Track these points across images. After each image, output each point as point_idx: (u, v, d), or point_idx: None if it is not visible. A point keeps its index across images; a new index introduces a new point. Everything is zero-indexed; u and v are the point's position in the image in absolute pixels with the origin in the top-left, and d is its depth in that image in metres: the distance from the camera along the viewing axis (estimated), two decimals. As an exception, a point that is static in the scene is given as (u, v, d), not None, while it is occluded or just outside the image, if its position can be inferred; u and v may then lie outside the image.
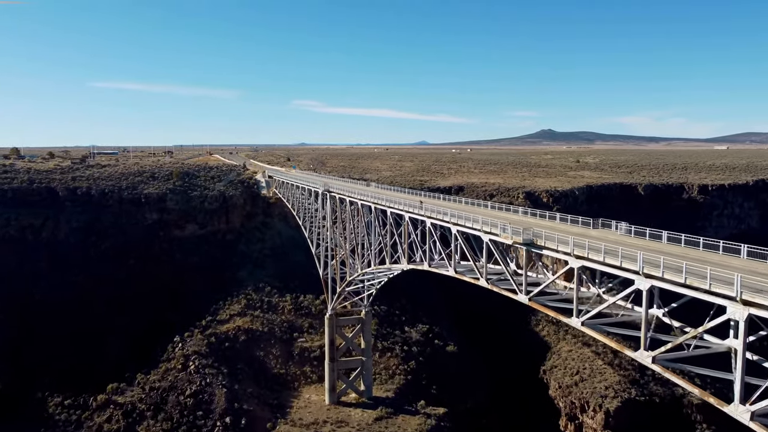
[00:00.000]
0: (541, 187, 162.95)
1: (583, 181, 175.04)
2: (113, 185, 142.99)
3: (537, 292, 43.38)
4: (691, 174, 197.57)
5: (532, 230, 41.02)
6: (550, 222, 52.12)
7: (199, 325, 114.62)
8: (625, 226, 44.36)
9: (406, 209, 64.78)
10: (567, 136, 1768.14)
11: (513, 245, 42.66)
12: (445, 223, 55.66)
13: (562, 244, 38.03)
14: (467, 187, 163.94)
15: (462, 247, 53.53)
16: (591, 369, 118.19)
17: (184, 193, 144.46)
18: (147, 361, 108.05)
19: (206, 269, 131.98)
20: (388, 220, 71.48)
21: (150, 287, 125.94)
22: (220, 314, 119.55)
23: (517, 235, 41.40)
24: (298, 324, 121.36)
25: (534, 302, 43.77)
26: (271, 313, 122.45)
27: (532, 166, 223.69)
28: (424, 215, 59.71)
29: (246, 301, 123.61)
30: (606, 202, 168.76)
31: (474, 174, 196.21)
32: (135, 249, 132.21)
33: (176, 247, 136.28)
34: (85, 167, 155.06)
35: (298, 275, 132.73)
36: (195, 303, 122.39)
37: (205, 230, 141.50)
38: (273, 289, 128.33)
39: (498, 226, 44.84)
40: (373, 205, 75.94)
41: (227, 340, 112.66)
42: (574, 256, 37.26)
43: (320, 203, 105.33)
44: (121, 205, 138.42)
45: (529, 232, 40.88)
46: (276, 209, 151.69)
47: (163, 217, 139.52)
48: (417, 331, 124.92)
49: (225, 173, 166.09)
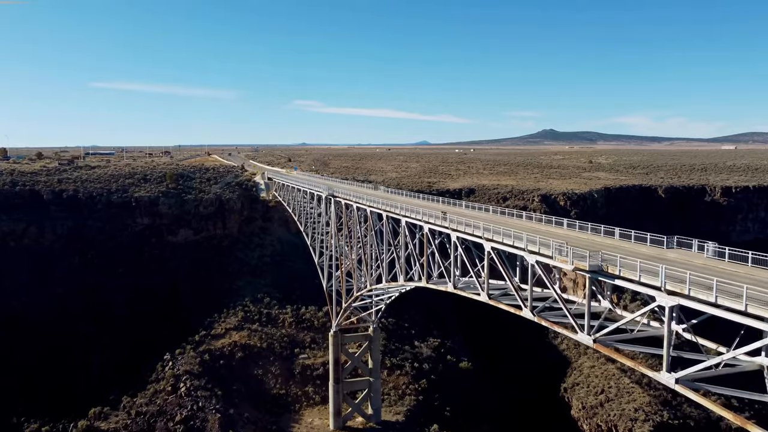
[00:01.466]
0: (556, 189, 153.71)
1: (599, 183, 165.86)
2: (102, 188, 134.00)
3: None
4: (711, 175, 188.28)
5: (600, 253, 31.90)
6: (607, 238, 42.96)
7: (192, 341, 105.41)
8: (714, 247, 35.18)
9: (426, 219, 55.68)
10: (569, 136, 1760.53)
11: (574, 271, 33.54)
12: (477, 238, 46.52)
13: (648, 274, 28.94)
14: (478, 190, 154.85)
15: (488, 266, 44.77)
16: (617, 388, 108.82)
17: (178, 197, 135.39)
18: (134, 381, 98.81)
19: (201, 278, 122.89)
20: (402, 231, 62.39)
21: (139, 299, 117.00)
22: (214, 328, 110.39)
23: (581, 260, 32.33)
24: (300, 338, 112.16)
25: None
26: (271, 326, 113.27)
27: (543, 167, 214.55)
28: (449, 227, 50.58)
29: (243, 314, 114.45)
30: (625, 205, 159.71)
31: (484, 175, 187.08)
32: (124, 257, 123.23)
33: (169, 254, 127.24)
34: (73, 169, 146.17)
35: (299, 285, 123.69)
36: (188, 316, 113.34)
37: (199, 236, 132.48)
38: (272, 300, 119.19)
39: (551, 246, 35.71)
40: (385, 213, 66.82)
41: (222, 357, 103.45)
42: (665, 291, 28.21)
43: (323, 208, 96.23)
44: (109, 210, 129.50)
45: (597, 256, 31.78)
46: (276, 213, 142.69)
47: (155, 222, 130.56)
48: (428, 345, 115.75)
49: (222, 175, 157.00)
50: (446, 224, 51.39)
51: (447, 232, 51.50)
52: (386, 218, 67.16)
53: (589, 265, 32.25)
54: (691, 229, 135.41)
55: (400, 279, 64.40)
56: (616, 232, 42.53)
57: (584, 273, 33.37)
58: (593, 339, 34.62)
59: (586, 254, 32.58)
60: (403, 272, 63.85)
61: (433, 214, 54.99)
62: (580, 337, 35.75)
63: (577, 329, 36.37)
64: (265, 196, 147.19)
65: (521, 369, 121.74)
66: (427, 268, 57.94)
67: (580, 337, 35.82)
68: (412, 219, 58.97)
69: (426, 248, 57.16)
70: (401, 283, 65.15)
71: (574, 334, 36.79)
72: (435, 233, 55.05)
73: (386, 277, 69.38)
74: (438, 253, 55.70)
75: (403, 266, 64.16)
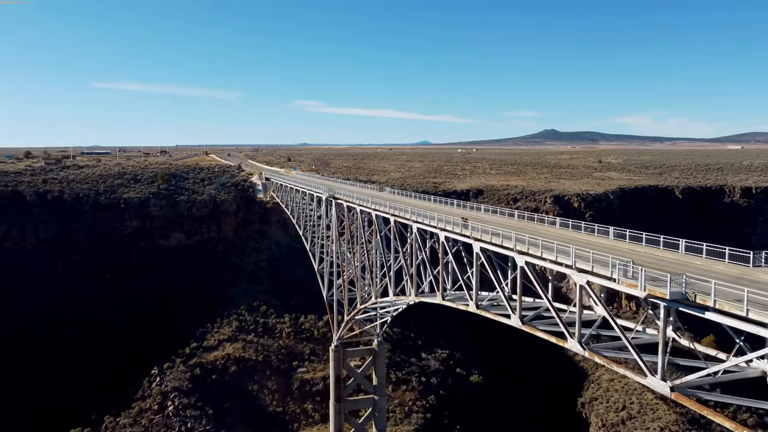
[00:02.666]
0: (569, 190, 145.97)
1: (613, 184, 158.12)
2: (89, 189, 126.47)
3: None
4: (728, 175, 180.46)
5: (684, 277, 24.28)
6: (669, 252, 35.27)
7: (182, 354, 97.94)
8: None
9: (442, 226, 48.05)
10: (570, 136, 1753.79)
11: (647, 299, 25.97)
12: (505, 250, 38.92)
13: (759, 307, 21.36)
14: (487, 190, 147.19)
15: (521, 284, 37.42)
16: (640, 404, 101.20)
17: (170, 198, 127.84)
18: (118, 398, 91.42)
19: (193, 285, 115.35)
20: (413, 238, 54.81)
21: (127, 307, 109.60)
22: (207, 339, 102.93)
23: (659, 286, 24.71)
24: (298, 350, 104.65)
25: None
26: (267, 337, 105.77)
27: (552, 167, 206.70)
28: (472, 236, 42.93)
29: (238, 323, 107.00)
30: (641, 207, 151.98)
31: (491, 175, 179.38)
32: (111, 262, 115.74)
33: (159, 259, 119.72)
34: (60, 168, 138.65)
35: (298, 292, 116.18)
36: (179, 326, 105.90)
37: (192, 240, 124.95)
38: (269, 308, 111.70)
39: (613, 266, 27.99)
40: (393, 218, 59.20)
41: (214, 372, 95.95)
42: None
43: (324, 211, 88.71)
44: (97, 212, 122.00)
45: (679, 280, 24.21)
46: (274, 215, 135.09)
47: (145, 225, 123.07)
48: (436, 357, 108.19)
49: (217, 175, 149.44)
50: (468, 233, 43.71)
51: (468, 242, 43.83)
52: (394, 223, 59.57)
53: (670, 292, 24.62)
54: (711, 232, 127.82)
55: (410, 294, 56.74)
56: (681, 244, 34.72)
57: (661, 302, 25.70)
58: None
59: (660, 276, 24.98)
60: (413, 285, 56.22)
61: (451, 220, 47.33)
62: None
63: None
64: (263, 197, 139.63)
65: (535, 382, 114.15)
66: (442, 282, 50.30)
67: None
68: (425, 225, 51.34)
69: (441, 259, 49.50)
70: (411, 298, 57.49)
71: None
72: (451, 242, 47.49)
73: (393, 289, 61.75)
74: (455, 264, 48.12)
75: (413, 278, 56.57)
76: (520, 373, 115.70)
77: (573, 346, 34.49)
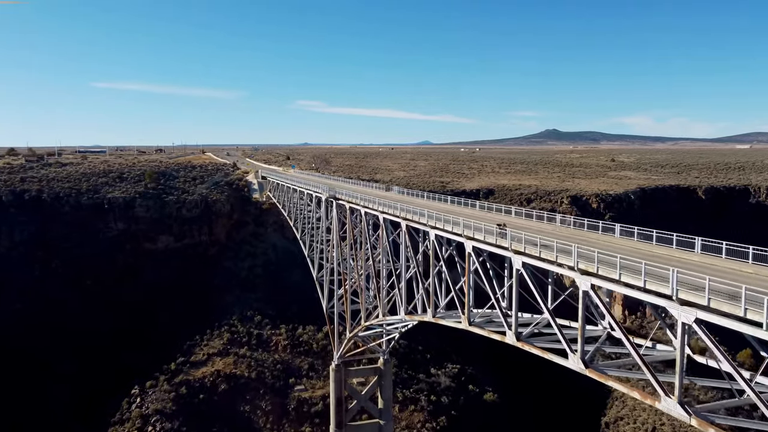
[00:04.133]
0: (587, 189, 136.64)
1: (631, 183, 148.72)
2: (70, 188, 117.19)
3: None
4: (752, 175, 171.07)
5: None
6: (750, 265, 26.23)
7: (167, 370, 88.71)
8: None
9: (469, 234, 38.79)
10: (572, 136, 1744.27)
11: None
12: (566, 270, 29.63)
13: None
14: (498, 190, 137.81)
15: (583, 314, 28.66)
16: (672, 426, 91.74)
17: (158, 198, 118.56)
18: (95, 420, 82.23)
19: (182, 293, 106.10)
20: (431, 245, 45.61)
21: (109, 317, 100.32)
22: (195, 353, 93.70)
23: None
24: (296, 365, 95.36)
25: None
26: (261, 350, 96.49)
27: (564, 166, 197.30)
28: (512, 250, 33.61)
29: (229, 335, 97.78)
30: (662, 207, 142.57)
31: (500, 174, 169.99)
32: (93, 267, 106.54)
33: (145, 264, 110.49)
34: (41, 166, 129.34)
35: (295, 300, 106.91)
36: (165, 338, 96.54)
37: (182, 243, 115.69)
38: (264, 318, 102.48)
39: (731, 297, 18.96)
40: (405, 222, 49.93)
41: (202, 391, 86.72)
42: None
43: (324, 212, 79.48)
44: (78, 212, 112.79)
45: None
46: (270, 216, 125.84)
47: (131, 227, 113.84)
48: (446, 373, 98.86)
49: (210, 173, 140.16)
50: (506, 243, 34.39)
51: (507, 255, 34.56)
52: (406, 229, 50.30)
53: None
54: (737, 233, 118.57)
55: (427, 313, 47.50)
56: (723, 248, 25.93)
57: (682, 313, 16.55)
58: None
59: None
60: (430, 302, 47.01)
61: (481, 227, 38.04)
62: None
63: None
64: (258, 197, 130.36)
65: (554, 398, 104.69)
66: (468, 302, 41.04)
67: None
68: (447, 233, 42.08)
69: (468, 272, 40.26)
70: (427, 317, 48.27)
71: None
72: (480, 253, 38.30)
73: (405, 305, 52.54)
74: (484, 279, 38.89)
75: (429, 293, 47.37)
76: (538, 390, 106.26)
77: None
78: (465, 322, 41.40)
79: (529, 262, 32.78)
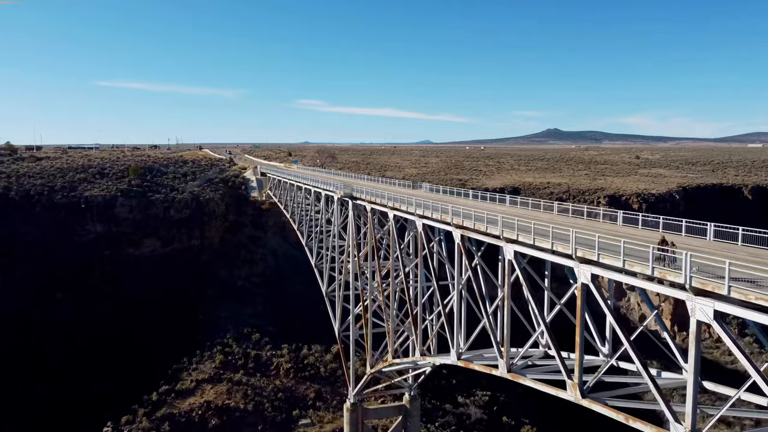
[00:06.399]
0: (624, 188, 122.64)
1: (670, 182, 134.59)
2: (43, 185, 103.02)
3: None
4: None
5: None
6: None
7: (147, 401, 74.65)
8: None
9: (591, 257, 24.72)
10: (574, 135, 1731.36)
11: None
12: None
13: None
14: (524, 189, 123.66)
15: None
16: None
17: (143, 197, 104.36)
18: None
19: (168, 307, 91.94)
20: (505, 266, 31.68)
21: (82, 336, 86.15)
22: (182, 380, 79.59)
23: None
24: (300, 393, 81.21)
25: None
26: (260, 375, 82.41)
27: (588, 163, 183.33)
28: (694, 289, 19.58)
29: (222, 357, 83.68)
30: (704, 207, 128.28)
31: (522, 172, 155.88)
32: (66, 276, 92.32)
33: (127, 272, 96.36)
34: (12, 161, 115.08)
35: (299, 315, 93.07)
36: (146, 360, 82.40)
37: (170, 248, 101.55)
38: (263, 336, 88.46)
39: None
40: (459, 232, 35.85)
41: (189, 427, 72.63)
42: None
43: (336, 215, 65.50)
44: (51, 213, 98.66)
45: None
46: (271, 218, 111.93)
47: (111, 230, 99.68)
48: (475, 402, 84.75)
49: (203, 169, 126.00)
50: (682, 279, 20.15)
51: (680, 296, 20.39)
52: (461, 241, 36.19)
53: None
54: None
55: (501, 361, 33.42)
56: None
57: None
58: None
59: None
60: (505, 350, 32.92)
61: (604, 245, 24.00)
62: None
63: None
64: (257, 196, 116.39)
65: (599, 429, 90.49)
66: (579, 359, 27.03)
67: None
68: (549, 254, 27.98)
69: (579, 312, 26.22)
70: (501, 368, 34.17)
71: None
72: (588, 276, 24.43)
73: (462, 341, 38.45)
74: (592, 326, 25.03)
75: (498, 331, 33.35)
76: (580, 417, 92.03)
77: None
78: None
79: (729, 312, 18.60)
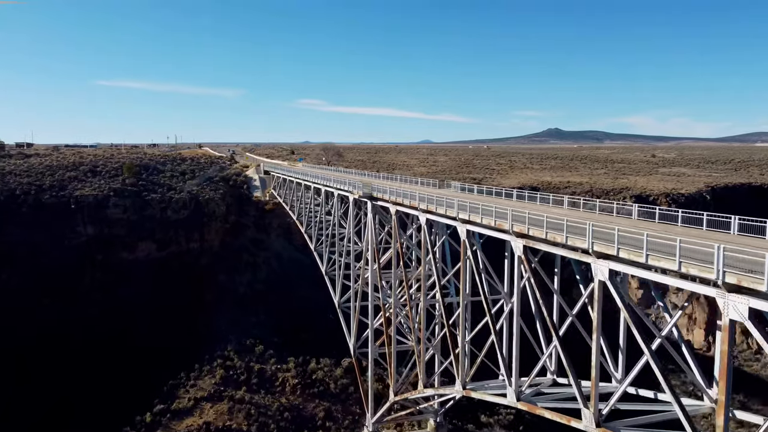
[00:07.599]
0: (650, 188, 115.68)
1: (696, 181, 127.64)
2: (30, 184, 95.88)
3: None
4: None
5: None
6: None
7: (141, 423, 67.66)
8: None
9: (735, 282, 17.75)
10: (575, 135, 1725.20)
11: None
12: None
13: None
14: (543, 188, 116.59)
15: None
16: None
17: (138, 196, 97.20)
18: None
19: (164, 315, 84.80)
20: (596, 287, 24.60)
21: (70, 347, 78.97)
22: (179, 398, 72.53)
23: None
24: (308, 412, 74.08)
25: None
26: (264, 392, 75.28)
27: (602, 161, 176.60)
28: None
29: (223, 372, 76.62)
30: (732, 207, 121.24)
31: (536, 171, 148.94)
32: (54, 282, 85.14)
33: (120, 278, 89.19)
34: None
35: (306, 324, 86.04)
36: (140, 376, 75.24)
37: (166, 251, 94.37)
38: (267, 348, 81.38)
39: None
40: (522, 241, 28.79)
41: (187, 452, 65.48)
42: None
43: (351, 217, 58.40)
44: (38, 213, 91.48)
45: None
46: (274, 219, 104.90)
47: (103, 232, 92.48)
48: (500, 421, 77.75)
49: (203, 167, 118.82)
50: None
51: None
52: (524, 253, 29.06)
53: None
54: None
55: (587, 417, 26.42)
56: None
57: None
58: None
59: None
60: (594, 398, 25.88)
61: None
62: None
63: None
64: (260, 195, 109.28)
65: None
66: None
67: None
68: (683, 281, 20.92)
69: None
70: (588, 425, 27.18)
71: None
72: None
73: (516, 371, 31.35)
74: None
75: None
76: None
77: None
78: None
79: None
